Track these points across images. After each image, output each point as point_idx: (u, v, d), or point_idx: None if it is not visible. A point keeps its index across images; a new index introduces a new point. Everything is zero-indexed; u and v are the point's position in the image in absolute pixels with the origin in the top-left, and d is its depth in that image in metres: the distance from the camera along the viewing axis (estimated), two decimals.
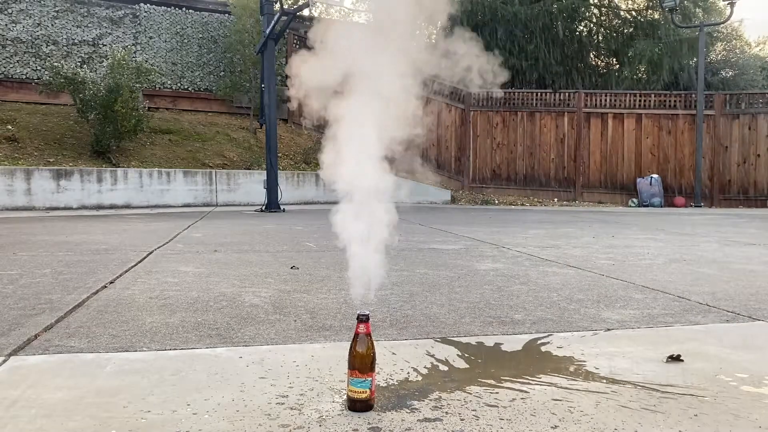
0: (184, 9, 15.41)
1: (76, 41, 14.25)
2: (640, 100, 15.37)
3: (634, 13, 19.57)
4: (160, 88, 14.99)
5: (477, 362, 2.25)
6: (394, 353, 2.32)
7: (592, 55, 19.78)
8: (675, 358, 2.25)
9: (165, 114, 14.80)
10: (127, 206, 11.45)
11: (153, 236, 6.42)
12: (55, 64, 12.02)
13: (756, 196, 14.76)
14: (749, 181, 14.87)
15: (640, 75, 18.78)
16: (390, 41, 2.55)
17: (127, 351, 2.32)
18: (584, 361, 2.25)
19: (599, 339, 2.57)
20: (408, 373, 2.10)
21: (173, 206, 11.86)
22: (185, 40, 15.40)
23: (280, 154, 12.86)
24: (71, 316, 2.86)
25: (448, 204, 14.50)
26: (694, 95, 15.11)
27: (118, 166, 11.97)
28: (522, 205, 14.64)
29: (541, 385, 1.99)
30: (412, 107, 2.59)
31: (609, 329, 2.74)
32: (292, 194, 13.05)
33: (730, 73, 21.15)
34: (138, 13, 14.91)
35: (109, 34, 14.60)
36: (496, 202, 14.85)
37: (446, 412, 1.74)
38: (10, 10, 13.56)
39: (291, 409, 1.76)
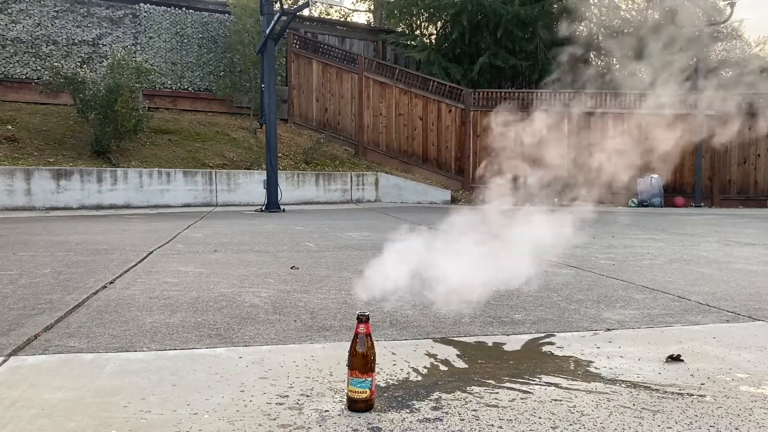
0: (184, 9, 15.40)
1: (76, 41, 14.24)
2: (640, 100, 15.35)
3: (634, 12, 19.56)
4: (160, 88, 14.98)
5: (477, 362, 2.24)
6: (394, 353, 2.32)
7: (592, 55, 19.75)
8: (675, 358, 2.25)
9: (165, 114, 14.80)
10: (127, 206, 11.45)
11: (153, 236, 6.42)
12: (55, 64, 12.01)
13: (756, 196, 14.76)
14: (749, 181, 14.86)
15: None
16: None
17: (127, 351, 2.32)
18: (584, 361, 2.25)
19: (599, 339, 2.57)
20: (408, 373, 2.10)
21: (173, 206, 11.85)
22: (185, 40, 15.40)
23: (280, 154, 12.85)
24: (71, 316, 2.86)
25: (448, 204, 14.48)
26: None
27: (118, 166, 11.97)
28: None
29: (541, 385, 1.99)
30: None
31: (609, 329, 2.74)
32: (292, 194, 13.05)
33: (731, 73, 21.16)
34: (138, 13, 14.90)
35: (109, 34, 14.59)
36: None
37: (446, 412, 1.74)
38: (10, 10, 13.55)
39: (291, 409, 1.76)
